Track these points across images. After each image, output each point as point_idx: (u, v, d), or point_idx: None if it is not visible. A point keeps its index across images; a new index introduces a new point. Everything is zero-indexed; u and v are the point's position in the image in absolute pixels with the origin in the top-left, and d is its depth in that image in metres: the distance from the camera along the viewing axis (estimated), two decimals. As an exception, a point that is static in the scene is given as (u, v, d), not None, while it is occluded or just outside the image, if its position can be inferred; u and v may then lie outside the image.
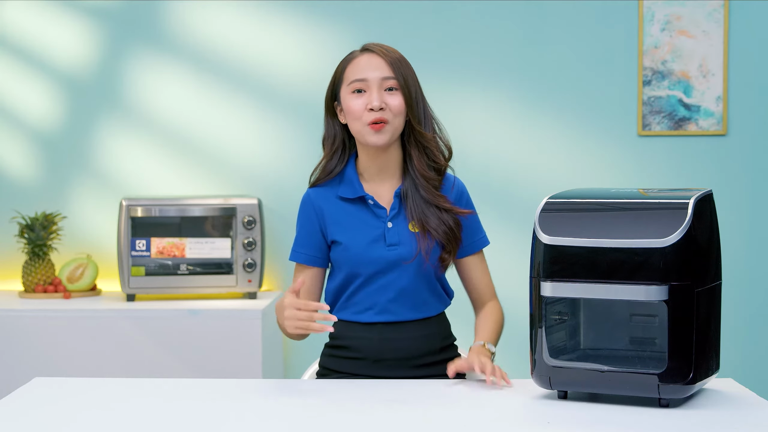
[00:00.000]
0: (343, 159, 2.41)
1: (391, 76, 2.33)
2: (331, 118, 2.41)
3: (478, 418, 1.90)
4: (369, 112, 2.30)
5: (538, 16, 3.86)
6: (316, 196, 2.41)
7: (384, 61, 2.33)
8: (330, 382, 2.25)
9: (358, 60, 2.35)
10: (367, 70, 2.33)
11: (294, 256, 2.42)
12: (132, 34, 3.94)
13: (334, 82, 2.39)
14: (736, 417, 1.90)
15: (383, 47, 2.37)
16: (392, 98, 2.32)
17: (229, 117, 3.94)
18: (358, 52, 2.38)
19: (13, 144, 4.00)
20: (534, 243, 2.01)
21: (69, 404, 2.04)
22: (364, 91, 2.32)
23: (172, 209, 3.67)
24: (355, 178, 2.38)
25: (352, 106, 2.33)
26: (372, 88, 2.31)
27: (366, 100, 2.31)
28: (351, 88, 2.33)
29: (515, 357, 3.76)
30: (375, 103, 2.30)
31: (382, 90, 2.32)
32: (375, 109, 2.30)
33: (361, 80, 2.32)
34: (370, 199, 2.37)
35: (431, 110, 2.40)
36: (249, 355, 3.48)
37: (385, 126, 2.31)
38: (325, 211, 2.38)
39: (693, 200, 1.93)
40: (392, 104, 2.32)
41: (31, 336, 3.51)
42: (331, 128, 2.41)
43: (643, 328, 2.08)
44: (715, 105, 3.81)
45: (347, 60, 2.38)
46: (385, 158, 2.37)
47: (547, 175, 3.87)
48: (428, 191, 2.35)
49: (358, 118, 2.32)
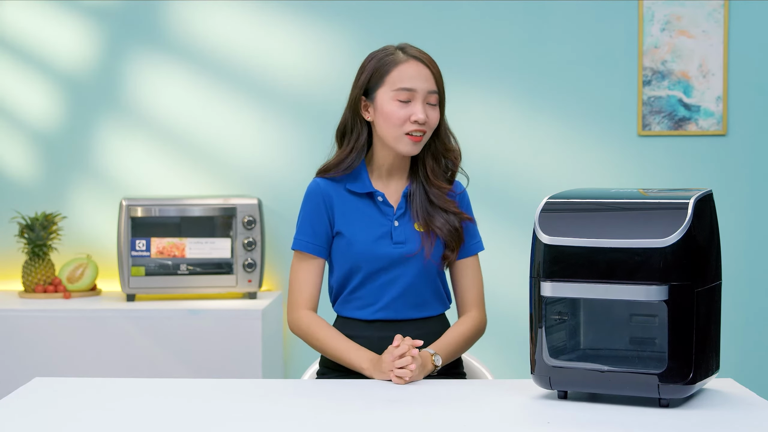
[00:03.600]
0: (360, 156, 2.39)
1: (436, 90, 2.34)
2: (356, 114, 2.38)
3: (478, 418, 1.90)
4: (411, 123, 2.30)
5: (539, 16, 3.86)
6: (325, 185, 2.39)
7: (431, 74, 2.33)
8: (330, 382, 2.26)
9: (406, 66, 2.32)
10: (417, 81, 2.31)
11: (299, 245, 2.38)
12: (132, 34, 3.94)
13: (370, 79, 2.35)
14: (736, 417, 1.90)
15: (427, 56, 2.35)
16: (433, 112, 2.34)
17: (229, 117, 3.94)
18: (402, 55, 2.33)
19: (13, 144, 4.00)
20: (534, 243, 2.01)
21: (69, 404, 2.04)
22: (409, 101, 2.32)
23: (172, 209, 3.67)
24: (366, 175, 2.39)
25: (394, 112, 2.31)
26: (418, 99, 2.31)
27: (410, 111, 2.30)
28: (397, 94, 2.31)
29: (515, 357, 3.76)
30: (421, 116, 2.30)
31: (425, 103, 2.32)
32: (420, 121, 2.30)
33: (410, 90, 2.31)
34: (379, 196, 2.37)
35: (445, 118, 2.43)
36: (249, 355, 3.48)
37: (422, 139, 2.33)
38: (334, 200, 2.38)
39: (693, 200, 1.93)
40: (432, 118, 2.33)
41: (31, 336, 3.51)
42: (356, 125, 2.38)
43: (643, 328, 2.08)
44: (715, 105, 3.81)
45: (392, 62, 2.33)
46: (399, 161, 2.39)
47: (547, 175, 3.87)
48: (438, 198, 2.37)
49: (398, 125, 2.31)
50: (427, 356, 2.25)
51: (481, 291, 2.45)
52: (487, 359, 2.88)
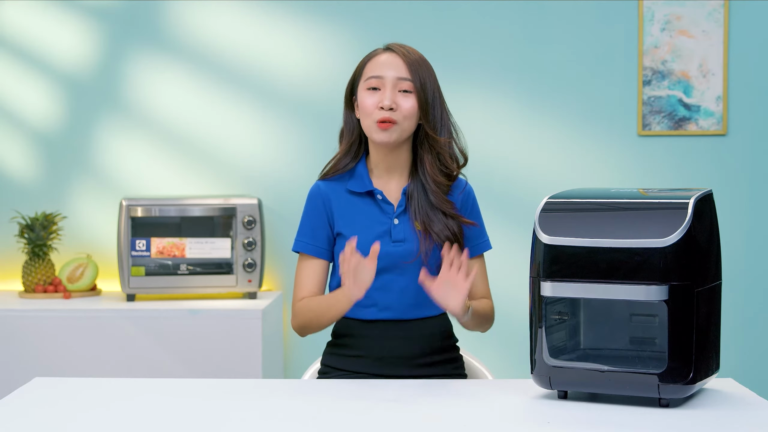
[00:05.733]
0: (357, 155, 2.43)
1: (407, 77, 2.34)
2: (349, 112, 2.43)
3: (478, 418, 1.90)
4: (379, 110, 2.32)
5: (538, 16, 3.86)
6: (326, 187, 2.42)
7: (402, 62, 2.35)
8: (330, 382, 2.26)
9: (378, 58, 2.37)
10: (384, 69, 2.34)
11: (299, 246, 2.41)
12: (132, 34, 3.94)
13: (354, 76, 2.41)
14: (736, 417, 1.90)
15: (405, 48, 2.38)
16: (405, 100, 2.34)
17: (229, 117, 3.94)
18: (381, 50, 2.39)
19: (13, 144, 4.00)
20: (534, 243, 2.01)
21: (69, 404, 2.04)
22: (378, 89, 2.34)
23: (172, 209, 3.67)
24: (365, 174, 2.40)
25: (364, 102, 2.35)
26: (386, 86, 2.33)
27: (378, 99, 2.33)
28: (367, 84, 2.35)
29: (515, 357, 3.76)
30: (386, 102, 2.31)
31: (396, 90, 2.33)
32: (385, 108, 2.32)
33: (376, 77, 2.34)
34: (378, 194, 2.38)
35: (449, 115, 2.42)
36: (249, 355, 3.48)
37: (393, 126, 2.32)
38: (333, 202, 2.40)
39: (693, 200, 1.93)
40: (403, 106, 2.33)
41: (31, 336, 3.51)
42: (350, 122, 2.43)
43: (643, 328, 2.08)
44: (715, 105, 3.81)
45: (369, 57, 2.40)
46: (394, 157, 2.39)
47: (547, 175, 3.87)
48: (437, 196, 2.36)
49: (369, 114, 2.34)
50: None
51: (488, 289, 2.46)
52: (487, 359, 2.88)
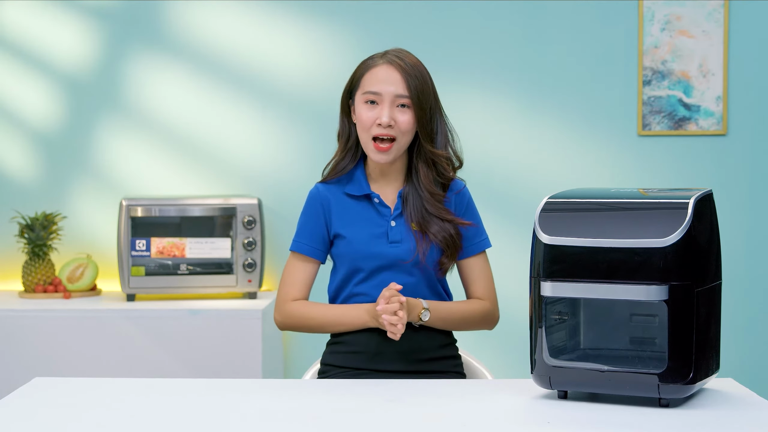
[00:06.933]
0: (355, 158, 2.44)
1: (405, 94, 2.33)
2: (345, 115, 2.44)
3: (477, 418, 1.90)
4: (377, 126, 2.32)
5: (538, 16, 3.86)
6: (325, 190, 2.43)
7: (401, 77, 2.33)
8: (330, 382, 2.26)
9: (376, 70, 2.35)
10: (383, 84, 2.33)
11: (295, 246, 2.44)
12: (132, 34, 3.94)
13: (351, 81, 2.41)
14: (736, 417, 1.90)
15: (403, 59, 2.35)
16: (402, 115, 2.34)
17: (229, 117, 3.94)
18: (379, 59, 2.37)
19: (13, 144, 4.00)
20: (534, 243, 2.01)
21: (69, 404, 2.04)
22: (376, 104, 2.34)
23: (172, 209, 3.67)
24: (363, 177, 2.42)
25: (362, 116, 2.35)
26: (384, 102, 2.33)
27: (377, 114, 2.33)
28: (365, 97, 2.35)
29: (515, 357, 3.76)
30: (384, 120, 2.31)
31: (394, 106, 2.33)
32: (383, 125, 2.32)
33: (374, 93, 2.33)
34: (375, 198, 2.40)
35: (447, 122, 2.42)
36: (249, 355, 3.48)
37: (391, 147, 2.34)
38: (332, 205, 2.41)
39: (693, 200, 1.93)
40: (401, 121, 2.33)
41: (31, 336, 3.51)
42: (346, 126, 2.44)
43: (643, 328, 2.08)
44: (715, 105, 3.81)
45: (367, 65, 2.38)
46: (388, 167, 2.41)
47: (547, 175, 3.87)
48: (432, 205, 2.38)
49: (366, 129, 2.35)
50: (416, 305, 2.30)
51: (490, 286, 2.46)
52: (487, 359, 2.88)
